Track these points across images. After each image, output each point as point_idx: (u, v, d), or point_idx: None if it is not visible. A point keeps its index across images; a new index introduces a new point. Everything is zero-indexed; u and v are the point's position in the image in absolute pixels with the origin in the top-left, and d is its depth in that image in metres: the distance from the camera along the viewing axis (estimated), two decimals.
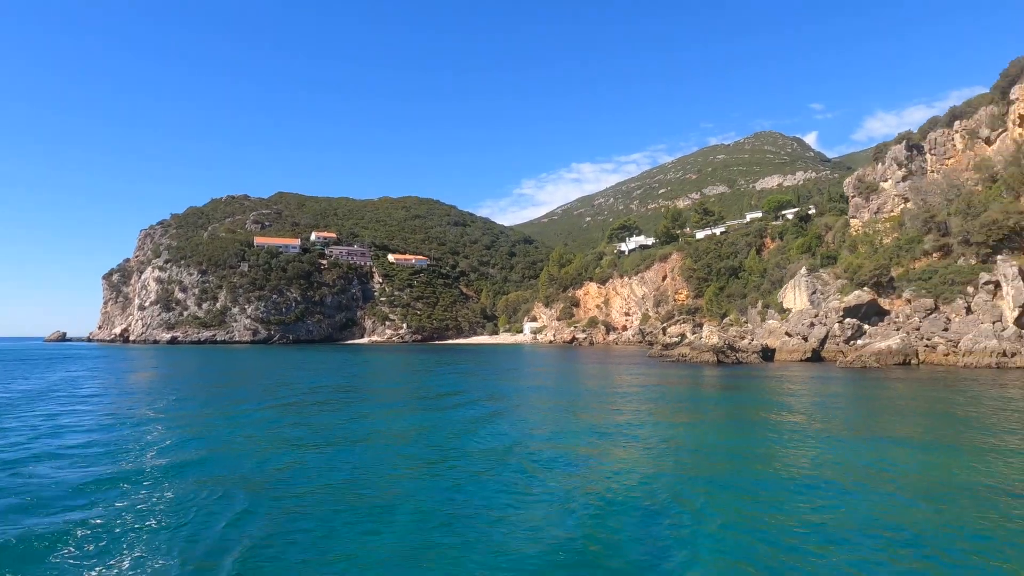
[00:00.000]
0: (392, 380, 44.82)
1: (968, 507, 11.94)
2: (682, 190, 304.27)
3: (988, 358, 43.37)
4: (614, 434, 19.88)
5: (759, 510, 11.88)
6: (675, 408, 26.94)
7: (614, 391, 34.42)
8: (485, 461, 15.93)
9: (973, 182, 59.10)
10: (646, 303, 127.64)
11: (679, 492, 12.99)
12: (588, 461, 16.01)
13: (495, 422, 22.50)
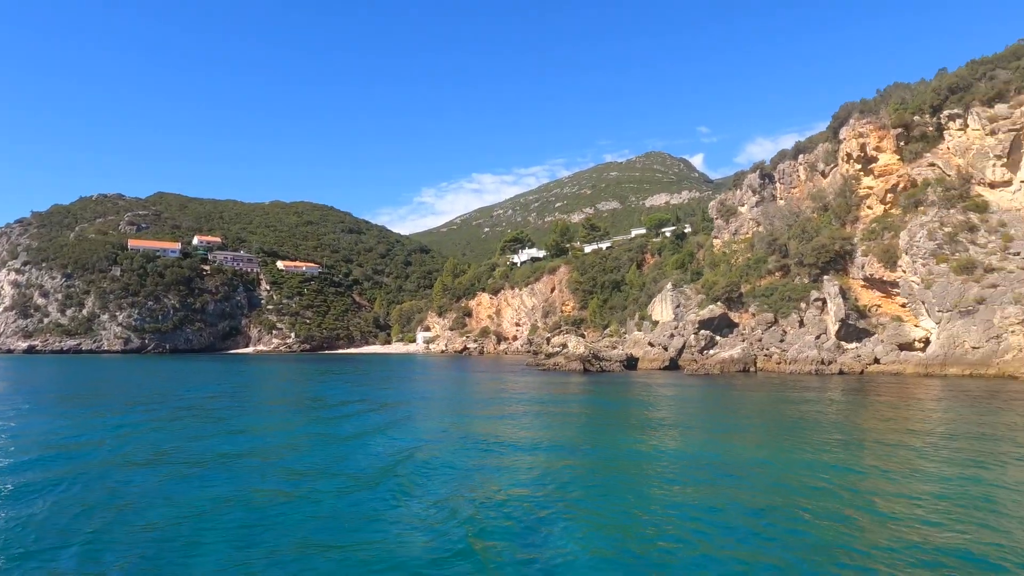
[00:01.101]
0: (273, 391, 44.67)
1: (779, 484, 14.81)
2: (577, 204, 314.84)
3: (809, 366, 49.35)
4: (481, 440, 21.55)
5: (621, 501, 13.77)
6: (538, 412, 29.28)
7: (481, 398, 36.54)
8: (362, 478, 15.91)
9: (810, 210, 66.59)
10: (535, 314, 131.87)
11: (554, 490, 14.46)
12: (464, 469, 16.81)
13: (373, 433, 22.93)
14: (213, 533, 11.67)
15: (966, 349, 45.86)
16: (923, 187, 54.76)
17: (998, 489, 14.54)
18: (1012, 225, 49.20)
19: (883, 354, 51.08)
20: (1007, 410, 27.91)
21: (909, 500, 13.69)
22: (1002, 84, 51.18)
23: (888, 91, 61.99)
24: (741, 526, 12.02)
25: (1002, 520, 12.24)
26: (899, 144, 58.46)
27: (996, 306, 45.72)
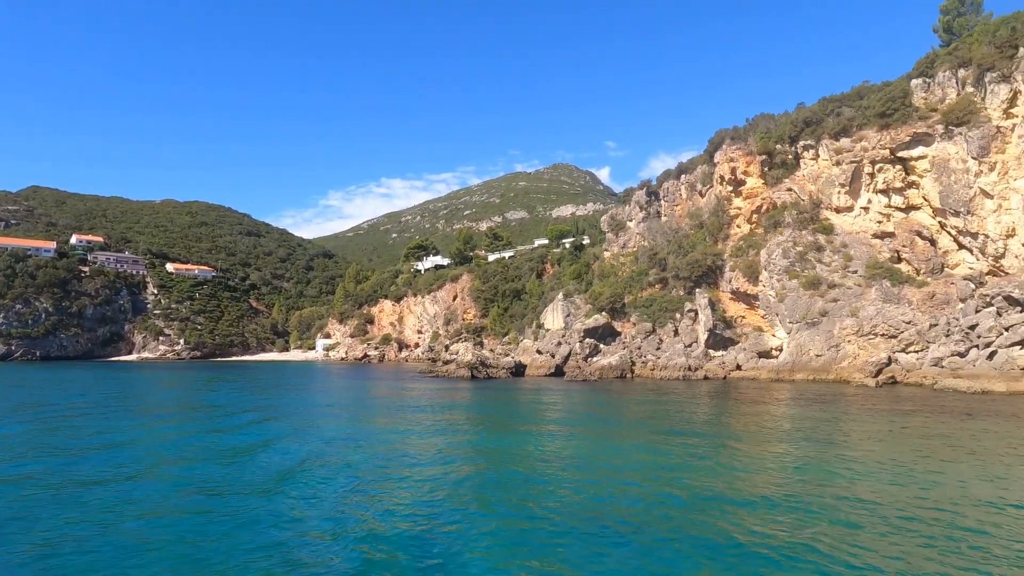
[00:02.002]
0: (156, 400, 43.22)
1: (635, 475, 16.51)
2: (486, 213, 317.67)
3: (678, 372, 53.17)
4: (368, 449, 22.11)
5: (508, 501, 14.83)
6: (422, 419, 30.30)
7: (369, 406, 37.16)
8: (250, 490, 15.80)
9: (688, 227, 71.47)
10: (437, 321, 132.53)
11: (446, 496, 15.20)
12: (353, 479, 17.09)
13: (260, 445, 22.68)
14: (83, 558, 11.10)
15: (811, 356, 51.05)
16: (781, 210, 60.37)
17: (837, 471, 17.16)
18: (852, 246, 55.27)
19: (744, 361, 55.78)
20: (840, 408, 31.80)
21: (762, 483, 15.98)
22: (847, 120, 57.39)
23: (756, 120, 67.78)
24: (623, 519, 13.27)
25: (841, 497, 14.66)
26: (764, 169, 64.08)
27: (836, 318, 51.23)
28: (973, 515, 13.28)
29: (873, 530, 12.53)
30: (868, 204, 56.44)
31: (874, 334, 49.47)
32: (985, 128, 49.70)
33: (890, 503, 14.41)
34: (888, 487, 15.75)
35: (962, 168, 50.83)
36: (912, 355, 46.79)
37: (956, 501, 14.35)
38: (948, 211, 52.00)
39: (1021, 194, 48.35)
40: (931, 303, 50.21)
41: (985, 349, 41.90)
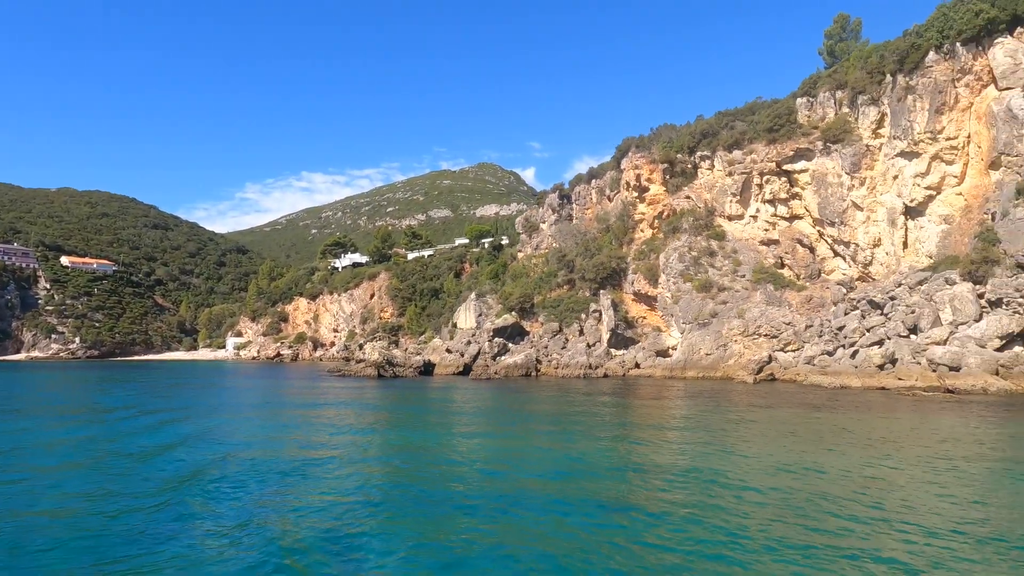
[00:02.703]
0: (45, 402, 40.93)
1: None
2: (409, 210, 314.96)
3: (578, 370, 55.26)
4: (269, 450, 22.00)
5: (413, 498, 15.16)
6: (324, 415, 30.37)
7: (264, 404, 36.77)
8: (148, 496, 15.25)
9: (596, 230, 74.05)
10: (354, 320, 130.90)
11: (354, 498, 15.19)
12: (251, 483, 16.75)
13: (157, 449, 21.85)
14: None
15: (701, 355, 54.27)
16: (680, 216, 63.68)
17: (727, 457, 18.72)
18: (741, 252, 59.07)
19: (643, 360, 58.55)
20: (714, 402, 34.23)
21: (661, 470, 17.26)
22: (739, 134, 61.20)
23: (659, 130, 71.08)
24: (533, 512, 13.85)
25: (725, 482, 16.07)
26: (665, 177, 67.33)
27: (725, 319, 54.67)
28: (810, 485, 15.10)
29: (737, 499, 14.27)
30: (756, 213, 60.46)
31: (758, 334, 53.13)
32: (857, 146, 54.34)
33: (744, 477, 16.23)
34: (744, 465, 17.55)
35: (837, 182, 55.36)
36: (789, 354, 50.60)
37: (795, 474, 16.25)
38: (825, 221, 56.49)
39: (886, 207, 53.18)
40: (808, 306, 54.43)
41: (849, 348, 45.94)
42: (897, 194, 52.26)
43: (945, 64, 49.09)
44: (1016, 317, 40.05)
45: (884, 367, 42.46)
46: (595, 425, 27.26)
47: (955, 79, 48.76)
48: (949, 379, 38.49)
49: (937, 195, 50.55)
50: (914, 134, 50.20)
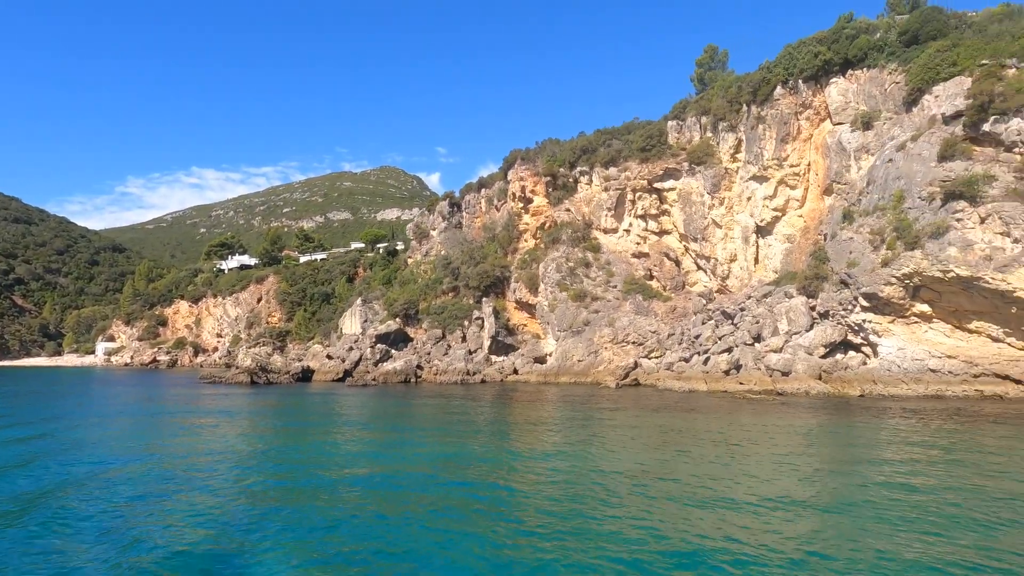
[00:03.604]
0: None
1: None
2: (307, 211, 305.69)
3: (456, 376, 56.29)
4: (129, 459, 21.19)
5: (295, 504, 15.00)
6: (185, 423, 29.28)
7: (121, 413, 35.03)
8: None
9: (483, 239, 75.57)
10: (239, 324, 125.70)
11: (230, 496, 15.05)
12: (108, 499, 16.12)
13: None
14: None
15: (574, 361, 56.77)
16: (560, 228, 66.29)
17: (595, 455, 19.77)
18: (615, 264, 62.34)
19: (521, 366, 60.40)
20: (576, 407, 36.09)
21: (541, 469, 18.02)
22: (615, 151, 64.64)
23: (544, 144, 73.63)
24: (416, 515, 14.42)
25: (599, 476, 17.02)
26: (548, 190, 69.86)
27: (596, 327, 57.50)
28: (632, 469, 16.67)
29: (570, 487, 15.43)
30: (629, 227, 64.04)
31: (626, 342, 56.27)
32: (717, 168, 58.88)
33: (554, 467, 17.60)
34: (558, 460, 19.03)
35: (700, 201, 59.70)
36: (653, 360, 53.98)
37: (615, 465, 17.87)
38: (689, 237, 60.73)
39: (741, 226, 57.96)
40: (672, 315, 58.27)
41: (703, 355, 49.70)
42: (750, 214, 57.11)
43: (790, 98, 54.33)
44: (839, 328, 44.99)
45: (729, 372, 46.34)
46: (428, 430, 28.27)
47: (798, 112, 54.07)
48: (780, 383, 42.68)
49: (782, 216, 55.74)
50: (764, 160, 55.15)
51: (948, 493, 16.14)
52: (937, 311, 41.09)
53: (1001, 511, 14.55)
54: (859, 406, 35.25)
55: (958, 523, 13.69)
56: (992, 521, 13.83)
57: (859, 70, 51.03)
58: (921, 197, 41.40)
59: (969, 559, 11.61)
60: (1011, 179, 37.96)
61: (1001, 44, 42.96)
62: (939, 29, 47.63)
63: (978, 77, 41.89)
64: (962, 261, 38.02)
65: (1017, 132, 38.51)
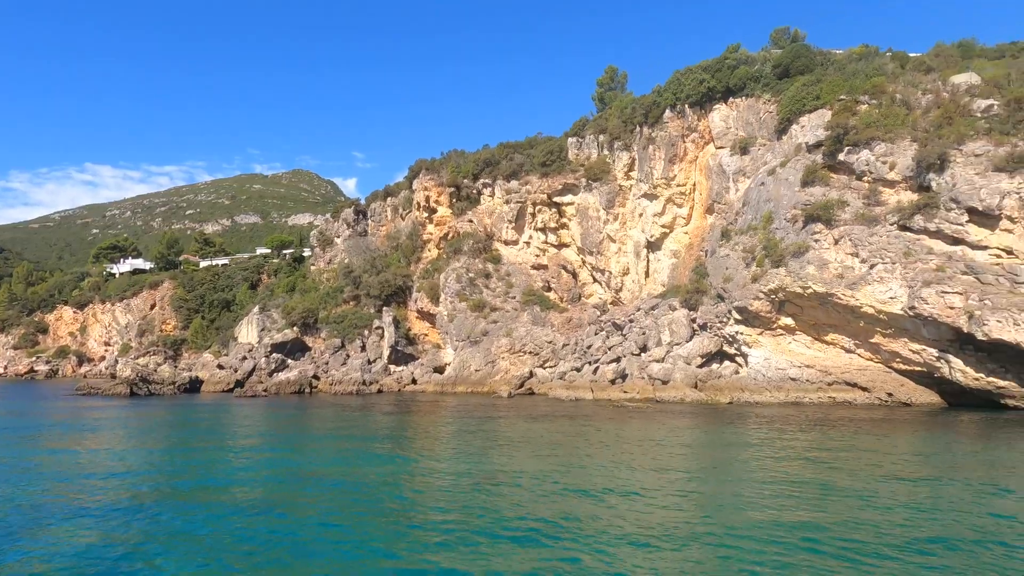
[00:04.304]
0: None
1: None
2: (213, 214, 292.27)
3: (352, 386, 55.69)
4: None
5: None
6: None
7: None
8: None
9: (387, 248, 75.19)
10: (130, 332, 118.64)
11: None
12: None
13: None
14: None
15: (472, 371, 57.43)
16: (463, 238, 66.99)
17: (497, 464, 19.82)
18: (515, 275, 63.64)
19: (420, 375, 60.47)
20: (472, 416, 36.52)
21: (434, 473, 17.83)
22: (517, 165, 66.13)
23: (449, 155, 74.27)
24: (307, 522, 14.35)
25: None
26: (452, 200, 70.47)
27: (495, 338, 58.44)
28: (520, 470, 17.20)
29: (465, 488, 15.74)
30: (529, 239, 65.59)
31: (523, 352, 57.48)
32: (612, 185, 61.39)
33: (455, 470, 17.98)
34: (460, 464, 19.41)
35: (596, 216, 62.00)
36: (548, 370, 55.41)
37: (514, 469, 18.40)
38: (586, 250, 62.90)
39: (633, 241, 60.62)
40: (568, 326, 60.03)
41: (593, 365, 51.55)
42: (641, 230, 59.85)
43: (678, 121, 57.50)
44: (715, 339, 47.91)
45: (615, 381, 48.33)
46: (281, 441, 28.13)
47: (684, 135, 57.29)
48: (660, 391, 44.96)
49: (670, 233, 58.75)
50: (653, 179, 58.01)
51: (807, 490, 17.78)
52: (799, 324, 44.58)
53: (854, 505, 16.24)
54: (724, 412, 37.73)
55: (816, 521, 15.12)
56: (848, 513, 15.42)
57: (739, 98, 54.74)
58: (786, 219, 44.90)
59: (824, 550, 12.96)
60: (860, 204, 41.89)
61: (857, 82, 47.36)
62: (807, 65, 51.92)
63: (836, 110, 46.01)
64: (819, 278, 41.52)
65: (866, 162, 42.57)
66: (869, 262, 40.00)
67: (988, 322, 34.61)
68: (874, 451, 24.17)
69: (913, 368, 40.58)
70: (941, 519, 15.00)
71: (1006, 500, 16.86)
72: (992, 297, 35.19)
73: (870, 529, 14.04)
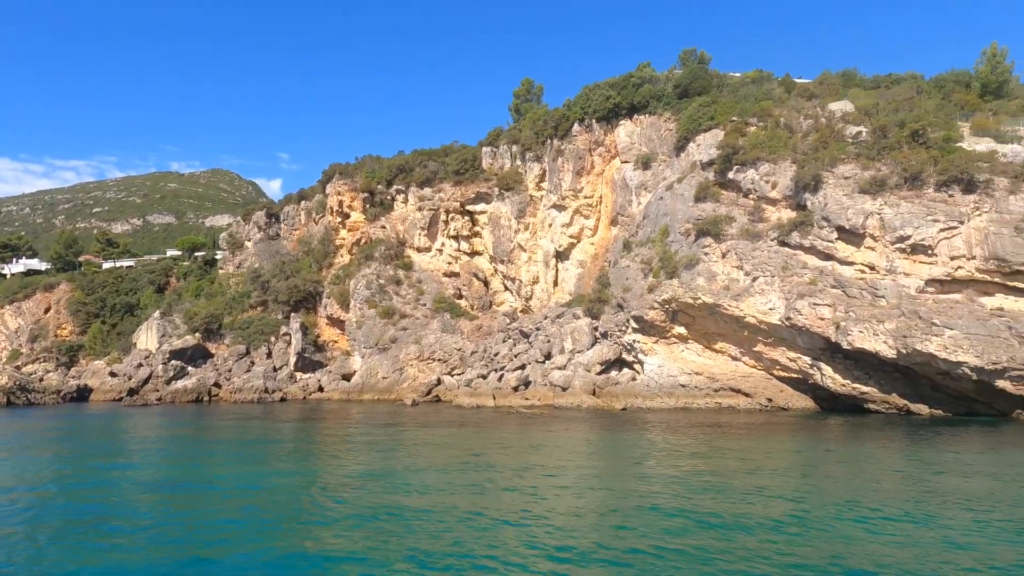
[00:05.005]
0: None
1: None
2: (123, 213, 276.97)
3: (253, 395, 54.27)
4: None
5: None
6: None
7: None
8: None
9: (299, 252, 73.62)
10: (20, 337, 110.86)
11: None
12: None
13: None
14: None
15: (379, 378, 57.04)
16: (374, 244, 66.49)
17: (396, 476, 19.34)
18: (426, 282, 63.68)
19: (328, 383, 59.50)
20: (397, 423, 36.16)
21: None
22: (430, 172, 66.23)
23: (364, 160, 73.59)
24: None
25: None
26: (366, 206, 69.86)
27: (403, 345, 58.27)
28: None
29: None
30: (442, 247, 65.82)
31: (432, 359, 57.54)
32: (524, 195, 62.44)
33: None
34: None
35: (508, 225, 62.88)
36: (455, 377, 55.69)
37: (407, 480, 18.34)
38: (498, 259, 63.68)
39: (543, 250, 61.82)
40: (478, 334, 60.53)
41: (499, 372, 52.20)
42: (551, 240, 61.14)
43: (586, 135, 59.21)
44: (614, 347, 49.52)
45: (518, 389, 49.15)
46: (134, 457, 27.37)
47: (592, 148, 59.05)
48: (559, 398, 46.08)
49: (577, 243, 60.30)
50: (562, 190, 59.44)
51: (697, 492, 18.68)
52: (692, 333, 46.74)
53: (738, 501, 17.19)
54: (615, 417, 39.10)
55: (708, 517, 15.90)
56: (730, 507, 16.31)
57: (643, 115, 56.94)
58: (680, 232, 47.04)
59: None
60: (746, 221, 44.43)
61: (747, 105, 50.25)
62: (704, 86, 54.65)
63: (728, 131, 48.62)
64: (707, 290, 43.70)
65: (751, 181, 45.20)
66: (752, 275, 42.45)
67: (852, 332, 37.46)
68: (753, 451, 25.75)
69: (791, 375, 43.32)
70: (799, 509, 16.20)
71: (841, 487, 18.35)
72: (856, 309, 38.10)
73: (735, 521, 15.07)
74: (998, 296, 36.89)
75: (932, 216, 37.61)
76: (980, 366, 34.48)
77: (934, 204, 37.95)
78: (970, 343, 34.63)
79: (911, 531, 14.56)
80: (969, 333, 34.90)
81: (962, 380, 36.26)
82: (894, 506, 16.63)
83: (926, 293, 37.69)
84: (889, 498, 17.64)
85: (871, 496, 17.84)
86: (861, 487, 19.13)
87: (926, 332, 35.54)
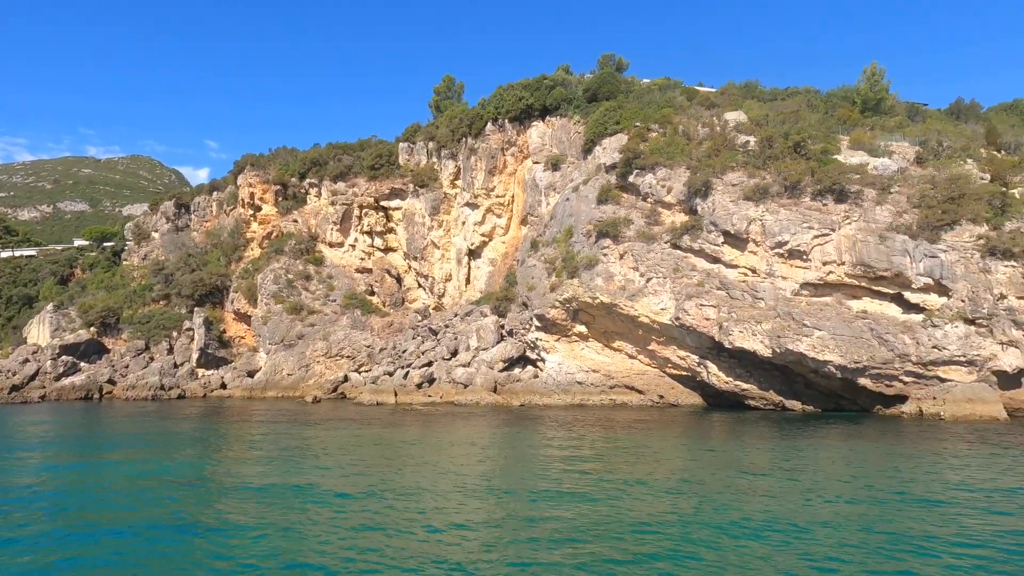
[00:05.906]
0: None
1: None
2: (31, 199, 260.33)
3: (148, 392, 52.35)
4: None
5: None
6: None
7: None
8: None
9: (208, 244, 71.25)
10: None
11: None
12: None
13: None
14: None
15: (283, 375, 55.99)
16: (285, 238, 65.12)
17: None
18: (337, 278, 62.88)
19: (231, 380, 57.93)
20: (277, 421, 35.36)
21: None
22: (345, 166, 65.41)
23: (277, 152, 71.95)
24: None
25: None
26: (278, 199, 68.33)
27: (310, 341, 57.38)
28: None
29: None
30: (355, 242, 65.13)
31: (340, 356, 56.90)
32: (438, 192, 62.47)
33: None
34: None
35: (422, 222, 62.79)
36: (363, 374, 55.27)
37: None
38: (412, 256, 63.51)
39: (456, 248, 62.06)
40: (389, 330, 60.23)
41: (405, 369, 52.15)
42: (463, 238, 61.44)
43: (499, 135, 59.74)
44: (518, 344, 50.32)
45: (422, 385, 49.29)
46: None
47: (504, 148, 59.64)
48: (460, 395, 46.49)
49: (489, 242, 60.84)
50: (475, 189, 59.82)
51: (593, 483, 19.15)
52: (592, 331, 47.98)
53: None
54: (510, 413, 39.79)
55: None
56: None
57: (554, 117, 57.90)
58: (583, 233, 48.18)
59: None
60: (643, 223, 45.95)
61: (650, 111, 51.90)
62: (612, 91, 56.07)
63: (631, 136, 50.08)
64: (605, 290, 44.96)
65: (649, 185, 46.77)
66: (646, 276, 43.95)
67: (733, 332, 39.41)
68: (646, 446, 26.76)
69: (681, 372, 45.15)
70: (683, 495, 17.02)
71: (715, 476, 19.43)
72: (737, 310, 40.09)
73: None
74: (864, 299, 39.57)
75: (807, 223, 39.96)
76: (844, 364, 36.95)
77: (810, 212, 40.33)
78: (836, 343, 37.06)
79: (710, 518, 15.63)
80: (835, 334, 37.33)
81: (830, 378, 38.77)
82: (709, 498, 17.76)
83: (800, 296, 40.04)
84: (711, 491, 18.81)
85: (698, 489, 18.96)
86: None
87: (798, 332, 37.80)
